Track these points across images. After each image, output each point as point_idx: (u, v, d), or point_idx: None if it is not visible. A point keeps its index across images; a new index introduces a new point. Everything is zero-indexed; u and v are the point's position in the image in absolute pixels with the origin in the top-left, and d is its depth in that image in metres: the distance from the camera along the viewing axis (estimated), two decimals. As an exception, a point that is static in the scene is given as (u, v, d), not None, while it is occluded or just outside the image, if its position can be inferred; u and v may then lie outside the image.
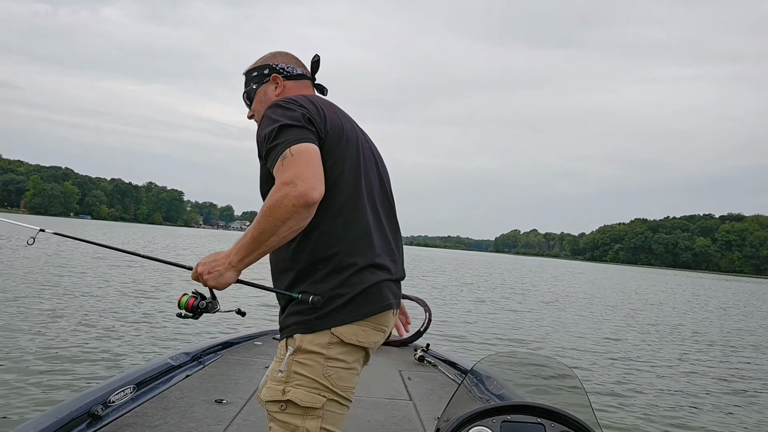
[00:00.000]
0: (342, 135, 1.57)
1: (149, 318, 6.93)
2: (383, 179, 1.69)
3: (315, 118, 1.52)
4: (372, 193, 1.62)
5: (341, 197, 1.53)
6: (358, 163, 1.59)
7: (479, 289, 18.28)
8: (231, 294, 3.62)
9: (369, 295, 1.50)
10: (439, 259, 54.54)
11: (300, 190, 1.37)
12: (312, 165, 1.42)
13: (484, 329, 8.62)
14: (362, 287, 1.49)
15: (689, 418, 4.95)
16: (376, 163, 1.68)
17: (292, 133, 1.45)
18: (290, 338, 1.50)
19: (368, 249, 1.53)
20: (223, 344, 3.22)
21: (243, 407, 2.30)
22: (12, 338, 5.32)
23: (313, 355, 1.46)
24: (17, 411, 3.53)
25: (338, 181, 1.53)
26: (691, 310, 17.55)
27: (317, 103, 1.58)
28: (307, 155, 1.42)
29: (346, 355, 1.49)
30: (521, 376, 1.65)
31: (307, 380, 1.46)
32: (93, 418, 1.95)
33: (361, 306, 1.49)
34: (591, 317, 12.69)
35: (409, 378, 2.96)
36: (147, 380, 2.37)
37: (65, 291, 8.73)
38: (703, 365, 7.75)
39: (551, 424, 1.34)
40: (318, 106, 1.56)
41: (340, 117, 1.62)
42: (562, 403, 1.40)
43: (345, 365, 1.49)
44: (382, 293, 1.53)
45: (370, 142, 1.71)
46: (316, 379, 1.45)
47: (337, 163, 1.53)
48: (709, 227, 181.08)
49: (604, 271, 65.88)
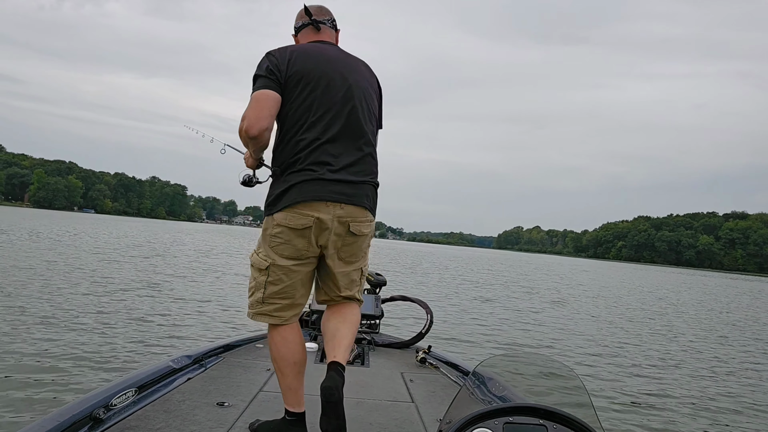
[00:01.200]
0: (307, 75, 2.04)
1: (151, 320, 6.89)
2: (359, 107, 2.12)
3: (277, 67, 2.03)
4: (336, 118, 2.06)
5: (299, 122, 2.04)
6: (324, 95, 2.05)
7: (482, 287, 18.28)
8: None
9: (296, 190, 1.99)
10: (441, 256, 54.52)
11: (242, 126, 1.95)
12: (257, 107, 1.96)
13: (486, 330, 8.61)
14: (290, 184, 2.00)
15: (693, 420, 4.94)
16: (351, 96, 2.10)
17: (257, 82, 2.03)
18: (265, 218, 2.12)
19: (308, 157, 2.01)
20: (225, 347, 3.21)
21: (245, 410, 2.30)
22: (12, 340, 5.30)
23: (264, 233, 2.10)
24: (19, 414, 3.53)
25: (298, 109, 2.04)
26: (702, 310, 17.50)
27: (287, 54, 2.07)
28: (255, 100, 1.97)
29: (283, 234, 2.03)
30: (523, 378, 1.65)
31: (262, 248, 2.11)
32: (95, 421, 1.95)
33: (288, 198, 2.00)
34: (595, 317, 12.69)
35: (411, 380, 2.96)
36: (149, 383, 2.38)
37: (65, 291, 8.71)
38: (710, 365, 7.73)
39: (553, 426, 1.34)
40: (286, 57, 2.06)
41: (314, 63, 2.08)
42: (565, 404, 1.41)
43: (282, 240, 2.03)
44: (309, 189, 1.99)
45: (355, 80, 2.14)
46: (265, 248, 2.09)
47: (297, 96, 2.04)
48: (713, 225, 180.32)
49: (608, 269, 65.76)
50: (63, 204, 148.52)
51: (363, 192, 2.09)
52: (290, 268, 2.06)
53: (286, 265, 2.05)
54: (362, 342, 3.59)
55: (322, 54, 2.12)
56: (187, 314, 7.60)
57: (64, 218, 61.64)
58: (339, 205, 2.02)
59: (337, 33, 2.33)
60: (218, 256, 21.02)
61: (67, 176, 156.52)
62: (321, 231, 2.02)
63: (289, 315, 2.11)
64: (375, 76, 2.29)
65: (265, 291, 2.07)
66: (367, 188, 2.12)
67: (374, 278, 3.97)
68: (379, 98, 2.31)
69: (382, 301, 3.90)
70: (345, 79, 2.11)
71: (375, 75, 2.29)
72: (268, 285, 2.06)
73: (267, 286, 2.07)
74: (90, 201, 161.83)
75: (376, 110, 2.26)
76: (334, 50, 2.19)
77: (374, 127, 2.21)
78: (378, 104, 2.29)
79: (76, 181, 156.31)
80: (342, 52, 2.22)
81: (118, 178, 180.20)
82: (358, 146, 2.10)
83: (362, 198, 2.08)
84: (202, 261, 17.18)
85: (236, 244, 35.16)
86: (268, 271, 2.06)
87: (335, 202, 2.01)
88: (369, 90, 2.20)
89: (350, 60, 2.19)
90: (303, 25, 2.25)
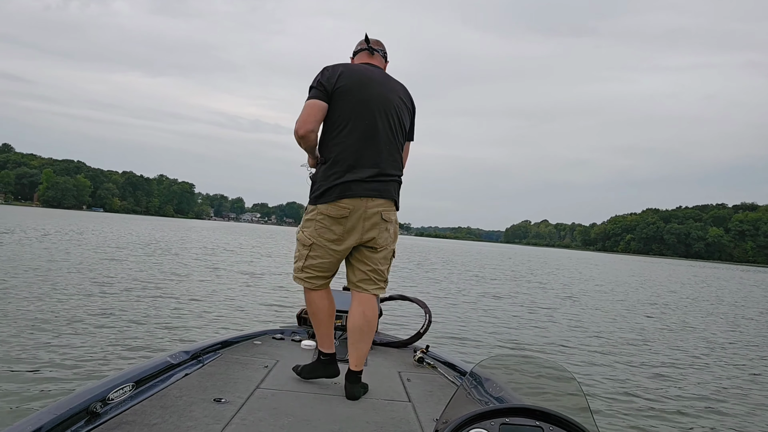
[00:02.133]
0: (352, 89, 2.54)
1: (148, 316, 6.89)
2: (390, 120, 2.62)
3: (326, 81, 2.54)
4: (370, 126, 2.56)
5: (341, 127, 2.54)
6: (362, 107, 2.55)
7: (483, 284, 18.25)
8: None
9: (338, 189, 2.51)
10: (448, 251, 54.49)
11: (294, 127, 2.52)
12: (307, 113, 2.51)
13: (486, 329, 8.57)
14: (333, 183, 2.51)
15: (694, 420, 4.90)
16: (385, 110, 2.60)
17: (310, 92, 2.56)
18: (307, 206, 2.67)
19: (350, 159, 2.52)
20: (222, 343, 3.20)
21: (242, 406, 2.29)
22: (10, 335, 5.32)
23: (309, 217, 2.62)
24: (15, 408, 3.54)
25: (341, 116, 2.54)
26: (720, 305, 17.38)
27: (338, 70, 2.57)
28: (305, 107, 2.54)
29: (324, 220, 2.56)
30: (521, 379, 1.63)
31: (307, 230, 2.62)
32: (91, 415, 1.95)
33: (331, 194, 2.52)
34: (600, 317, 12.64)
35: (408, 379, 2.94)
36: (146, 378, 2.37)
37: (62, 286, 8.73)
38: (718, 366, 7.67)
39: (550, 428, 1.32)
40: (337, 72, 2.56)
41: (358, 80, 2.58)
42: (561, 406, 1.39)
43: (323, 225, 2.56)
44: (348, 188, 2.50)
45: (390, 97, 2.64)
46: (310, 230, 2.62)
47: (342, 105, 2.54)
48: (722, 217, 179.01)
49: (618, 262, 65.49)
50: (72, 203, 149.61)
51: (391, 188, 2.63)
52: (328, 247, 2.59)
53: (325, 245, 2.59)
54: None
55: (366, 74, 2.63)
56: (185, 310, 7.60)
57: (72, 217, 62.08)
58: (372, 199, 2.54)
59: (386, 63, 2.88)
60: (221, 254, 21.09)
61: (75, 175, 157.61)
62: (356, 220, 2.54)
63: (320, 284, 2.69)
64: (410, 96, 2.81)
65: (305, 262, 2.64)
66: (394, 184, 2.66)
67: None
68: (411, 115, 2.81)
69: (380, 300, 3.89)
70: (383, 96, 2.61)
71: (410, 95, 2.81)
72: (308, 258, 2.63)
73: (307, 258, 2.64)
74: (98, 200, 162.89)
75: (407, 124, 2.77)
76: (379, 72, 2.71)
77: (403, 138, 2.73)
78: (410, 119, 2.80)
79: (84, 180, 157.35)
80: (385, 75, 2.75)
81: (126, 177, 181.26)
82: (389, 151, 2.62)
83: (390, 192, 2.63)
84: (204, 259, 17.20)
85: (241, 242, 35.27)
86: (311, 247, 2.62)
87: (368, 197, 2.53)
88: (402, 107, 2.71)
89: (391, 82, 2.71)
90: (361, 49, 2.82)
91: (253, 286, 11.35)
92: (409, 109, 2.77)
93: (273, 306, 8.79)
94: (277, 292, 10.57)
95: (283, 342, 3.53)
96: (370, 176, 2.53)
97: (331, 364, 2.70)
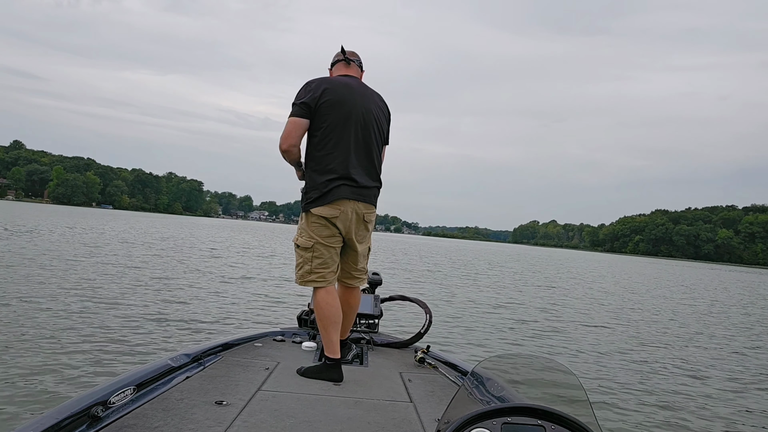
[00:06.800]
0: (335, 104, 2.78)
1: (149, 319, 6.87)
2: (371, 129, 2.90)
3: (309, 97, 2.77)
4: (354, 138, 2.82)
5: (327, 139, 2.79)
6: (345, 120, 2.80)
7: (485, 283, 18.20)
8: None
9: (329, 195, 2.78)
10: (455, 250, 54.39)
11: (279, 143, 2.79)
12: (289, 130, 2.77)
13: (486, 330, 8.53)
14: (324, 191, 2.77)
15: (696, 423, 4.87)
16: (367, 121, 2.88)
17: (293, 109, 2.79)
18: (302, 213, 2.91)
19: (339, 169, 2.78)
20: (223, 345, 3.18)
21: (243, 409, 2.28)
22: (10, 337, 5.32)
23: (306, 222, 2.87)
24: (16, 412, 3.54)
25: (327, 129, 2.78)
26: (726, 306, 17.26)
27: (322, 86, 2.79)
28: (289, 124, 2.78)
29: (320, 221, 2.82)
30: (522, 378, 1.63)
31: (305, 234, 2.87)
32: (93, 419, 1.94)
33: (323, 199, 2.78)
34: (602, 317, 12.59)
35: (409, 380, 2.93)
36: (147, 381, 2.36)
37: (62, 288, 8.70)
38: (725, 367, 7.62)
39: (552, 426, 1.32)
40: (320, 88, 2.78)
41: (341, 94, 2.81)
42: (563, 405, 1.39)
43: (320, 224, 2.82)
44: (338, 192, 2.78)
45: (370, 108, 2.91)
46: (308, 233, 2.86)
47: (327, 120, 2.77)
48: (732, 219, 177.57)
49: (625, 264, 65.13)
50: (81, 200, 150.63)
51: (372, 193, 2.94)
52: (327, 243, 2.85)
53: (324, 241, 2.84)
54: (361, 342, 3.56)
55: (348, 88, 2.85)
56: (187, 312, 7.60)
57: (82, 214, 62.48)
58: (358, 202, 2.84)
59: (362, 72, 3.10)
60: (226, 256, 21.13)
61: (85, 172, 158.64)
62: (345, 219, 2.83)
63: (331, 278, 2.89)
64: (386, 104, 3.08)
65: (312, 264, 2.85)
66: (375, 190, 2.97)
67: (370, 277, 3.93)
68: (388, 121, 3.09)
69: (381, 301, 3.88)
70: (364, 107, 2.88)
71: (386, 102, 3.08)
72: (314, 259, 2.85)
73: (313, 260, 2.85)
74: (108, 197, 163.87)
75: (385, 131, 3.05)
76: (357, 83, 2.94)
77: (382, 144, 3.01)
78: (387, 126, 3.07)
79: (94, 178, 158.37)
80: (363, 85, 2.98)
81: (136, 174, 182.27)
82: (370, 159, 2.90)
83: (371, 197, 2.94)
84: (207, 261, 17.20)
85: (246, 240, 35.35)
86: (313, 248, 2.84)
87: (355, 201, 2.83)
88: (381, 116, 2.99)
89: (368, 92, 2.95)
90: (338, 60, 3.05)
91: (253, 286, 11.36)
92: (386, 117, 3.06)
93: (274, 308, 8.79)
94: (277, 293, 10.58)
95: (284, 344, 3.51)
96: (356, 183, 2.82)
97: (337, 369, 2.79)
